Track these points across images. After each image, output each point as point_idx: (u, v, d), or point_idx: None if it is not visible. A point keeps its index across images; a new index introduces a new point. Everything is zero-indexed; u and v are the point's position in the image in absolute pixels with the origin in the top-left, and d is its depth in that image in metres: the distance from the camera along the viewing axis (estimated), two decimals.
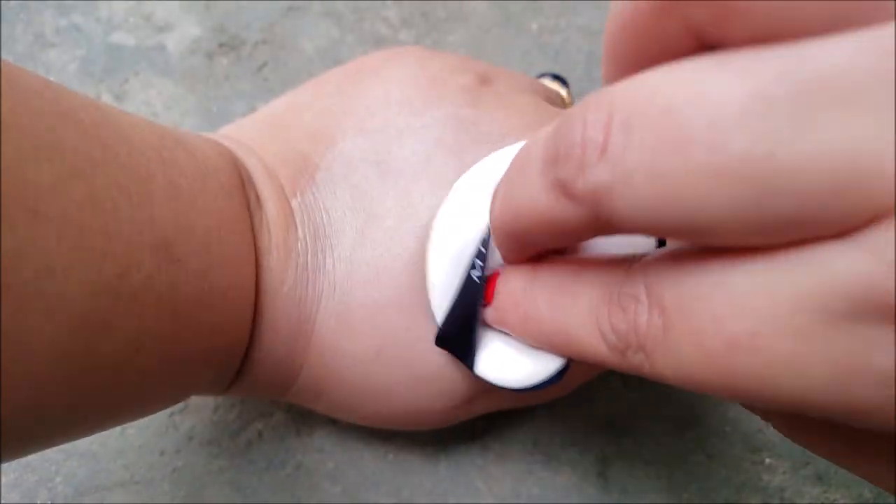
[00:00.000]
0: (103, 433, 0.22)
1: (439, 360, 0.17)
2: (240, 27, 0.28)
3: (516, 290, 0.14)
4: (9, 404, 0.11)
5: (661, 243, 0.16)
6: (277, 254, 0.17)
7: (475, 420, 0.21)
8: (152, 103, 0.27)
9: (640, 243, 0.15)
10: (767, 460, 0.22)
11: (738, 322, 0.09)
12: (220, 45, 0.28)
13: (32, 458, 0.22)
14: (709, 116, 0.08)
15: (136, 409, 0.16)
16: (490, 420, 0.22)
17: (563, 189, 0.10)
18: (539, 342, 0.14)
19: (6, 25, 0.27)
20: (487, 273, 0.16)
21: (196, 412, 0.22)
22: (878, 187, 0.08)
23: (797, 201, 0.08)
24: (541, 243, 0.13)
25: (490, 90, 0.19)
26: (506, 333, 0.16)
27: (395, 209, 0.18)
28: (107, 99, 0.27)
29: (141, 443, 0.22)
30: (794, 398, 0.09)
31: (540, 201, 0.11)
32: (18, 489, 0.21)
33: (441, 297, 0.16)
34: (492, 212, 0.13)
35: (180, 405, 0.22)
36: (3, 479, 0.21)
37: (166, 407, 0.17)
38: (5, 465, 0.21)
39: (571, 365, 0.15)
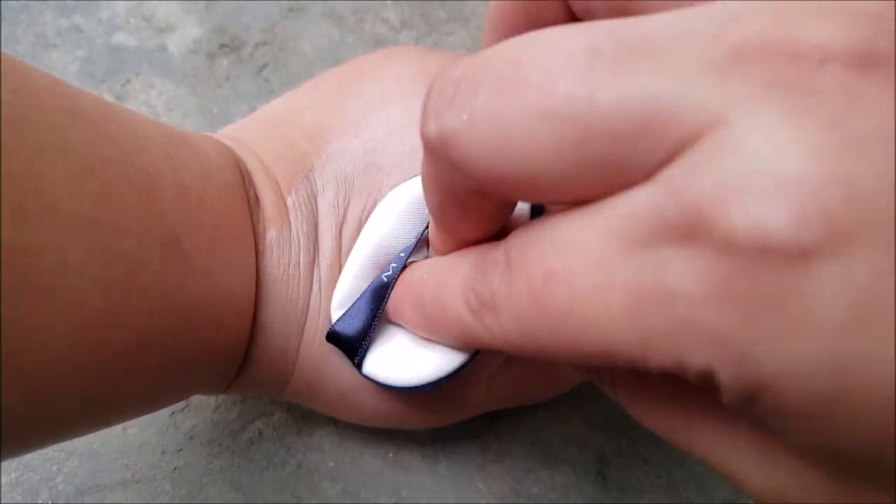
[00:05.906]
0: (104, 432, 0.22)
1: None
2: (240, 28, 0.28)
3: (414, 278, 0.15)
4: (21, 398, 0.11)
5: None
6: (273, 251, 0.17)
7: (475, 419, 0.21)
8: (153, 104, 0.27)
9: None
10: None
11: (555, 257, 0.10)
12: (221, 46, 0.28)
13: (33, 457, 0.22)
14: (544, 64, 0.09)
15: (142, 406, 0.16)
16: (489, 419, 0.22)
17: (424, 141, 0.11)
18: (426, 326, 0.15)
19: (7, 26, 0.28)
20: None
21: (197, 411, 0.22)
22: (673, 129, 0.09)
23: (610, 141, 0.09)
24: (453, 220, 0.13)
25: None
26: (405, 332, 0.16)
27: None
28: (108, 99, 0.27)
29: (142, 442, 0.22)
30: (602, 335, 0.09)
31: (423, 163, 0.11)
32: (20, 488, 0.21)
33: (346, 297, 0.17)
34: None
35: (181, 404, 0.22)
36: (4, 479, 0.21)
37: (169, 405, 0.17)
38: (6, 465, 0.22)
39: (465, 366, 0.16)
